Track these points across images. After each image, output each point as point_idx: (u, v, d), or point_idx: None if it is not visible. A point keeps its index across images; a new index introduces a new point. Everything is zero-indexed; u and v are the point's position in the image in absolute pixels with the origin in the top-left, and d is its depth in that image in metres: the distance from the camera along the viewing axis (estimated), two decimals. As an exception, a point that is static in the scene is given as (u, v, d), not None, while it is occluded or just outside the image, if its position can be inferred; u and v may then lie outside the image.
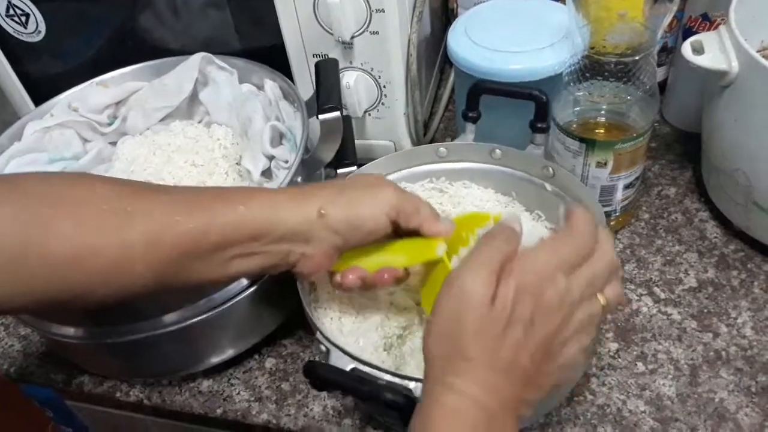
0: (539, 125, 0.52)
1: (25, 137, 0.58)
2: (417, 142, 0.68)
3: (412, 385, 0.38)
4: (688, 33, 0.63)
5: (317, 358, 0.43)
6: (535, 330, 0.33)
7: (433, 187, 0.55)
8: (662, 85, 0.71)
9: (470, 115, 0.54)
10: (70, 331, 0.51)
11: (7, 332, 0.62)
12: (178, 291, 0.47)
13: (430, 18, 0.68)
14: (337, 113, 0.49)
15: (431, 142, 0.72)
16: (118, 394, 0.56)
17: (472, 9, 0.61)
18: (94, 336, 0.50)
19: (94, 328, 0.50)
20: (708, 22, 0.61)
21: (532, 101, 0.51)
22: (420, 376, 0.36)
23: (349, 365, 0.40)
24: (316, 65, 0.53)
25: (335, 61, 0.53)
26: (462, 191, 0.55)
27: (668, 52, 0.69)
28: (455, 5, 0.69)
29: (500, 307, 0.33)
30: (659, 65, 0.69)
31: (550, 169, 0.51)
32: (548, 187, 0.52)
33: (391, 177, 0.55)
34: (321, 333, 0.42)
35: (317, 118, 0.49)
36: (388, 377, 0.39)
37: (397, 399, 0.36)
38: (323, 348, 0.42)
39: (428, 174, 0.56)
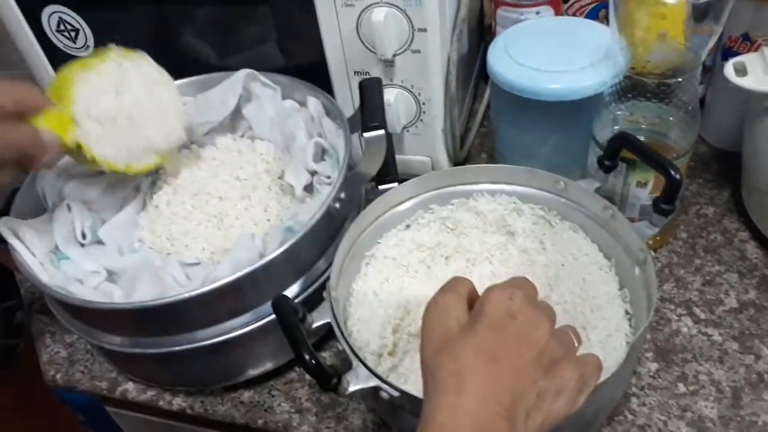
0: (664, 206, 0.45)
1: (75, 150, 0.60)
2: (453, 157, 0.69)
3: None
4: (727, 53, 0.63)
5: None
6: (512, 324, 0.36)
7: (542, 216, 0.54)
8: (700, 104, 0.71)
9: (606, 163, 0.51)
10: (117, 340, 0.52)
11: (53, 339, 0.63)
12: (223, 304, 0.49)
13: (467, 35, 0.69)
14: (381, 132, 0.50)
15: (467, 157, 0.73)
16: (161, 403, 0.57)
17: (512, 28, 0.62)
18: (139, 345, 0.51)
19: (140, 338, 0.51)
20: (749, 42, 0.61)
21: (663, 174, 0.45)
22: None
23: (322, 321, 0.45)
24: (360, 84, 0.54)
25: (379, 80, 0.54)
26: (568, 234, 0.53)
27: (706, 71, 0.69)
28: (493, 23, 0.70)
29: (475, 311, 0.37)
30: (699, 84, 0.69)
31: (642, 255, 0.46)
32: (637, 271, 0.48)
33: (503, 188, 0.55)
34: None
35: (362, 136, 0.50)
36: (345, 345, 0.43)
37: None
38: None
39: (542, 201, 0.54)
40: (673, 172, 0.44)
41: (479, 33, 0.79)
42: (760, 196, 0.57)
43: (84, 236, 0.54)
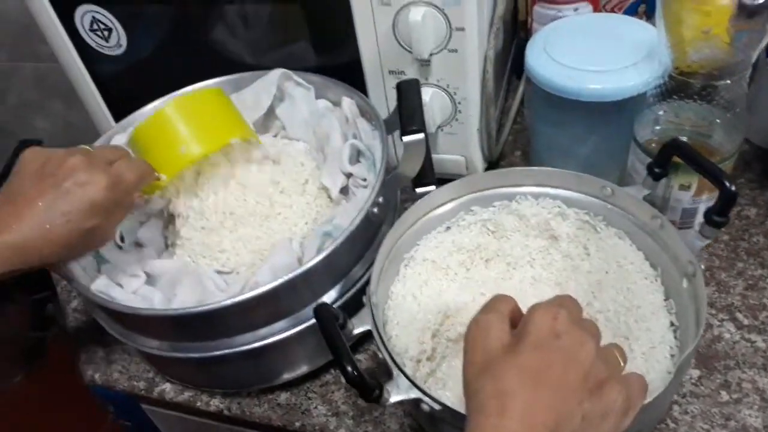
0: (717, 218, 0.44)
1: (111, 151, 0.60)
2: (488, 156, 0.68)
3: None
4: (774, 49, 0.61)
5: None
6: (556, 344, 0.35)
7: (587, 221, 0.53)
8: (742, 101, 0.69)
9: (656, 170, 0.49)
10: (155, 344, 0.52)
11: (91, 338, 0.64)
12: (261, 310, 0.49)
13: (503, 32, 0.67)
14: (421, 135, 0.49)
15: (501, 155, 0.72)
16: (198, 404, 0.57)
17: (550, 25, 0.60)
18: (178, 350, 0.52)
19: (178, 342, 0.52)
20: (797, 39, 0.59)
21: (718, 186, 0.44)
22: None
23: (363, 328, 0.46)
24: (398, 85, 0.53)
25: (417, 81, 0.54)
26: (613, 240, 0.52)
27: (751, 69, 0.67)
28: (529, 18, 0.69)
29: (518, 331, 0.36)
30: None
31: (691, 268, 0.46)
32: (685, 283, 0.47)
33: (547, 191, 0.54)
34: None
35: (401, 139, 0.50)
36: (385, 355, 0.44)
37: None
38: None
39: (588, 206, 0.53)
40: (728, 184, 0.43)
41: (513, 28, 0.78)
42: (807, 199, 0.56)
43: (122, 239, 0.55)
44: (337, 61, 0.62)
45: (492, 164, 0.70)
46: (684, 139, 0.55)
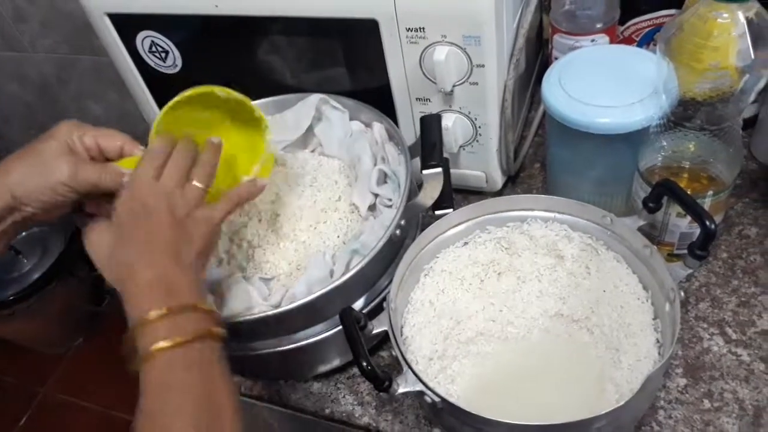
0: (698, 252, 0.50)
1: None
2: (507, 170, 0.73)
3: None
4: (780, 79, 0.64)
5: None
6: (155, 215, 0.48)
7: (590, 244, 0.59)
8: (752, 121, 0.73)
9: (650, 205, 0.55)
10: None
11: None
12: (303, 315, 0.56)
13: (525, 54, 0.72)
14: (439, 169, 0.55)
15: (520, 168, 0.77)
16: (243, 388, 0.66)
17: (566, 57, 0.64)
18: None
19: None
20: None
21: (699, 225, 0.49)
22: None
23: (381, 328, 0.53)
24: (421, 120, 0.59)
25: (438, 117, 0.59)
26: (611, 263, 0.58)
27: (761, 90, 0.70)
28: (550, 44, 0.73)
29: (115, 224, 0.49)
30: (753, 102, 0.71)
31: (672, 294, 0.51)
32: (667, 307, 0.52)
33: (555, 216, 0.60)
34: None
35: (421, 172, 0.56)
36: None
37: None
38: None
39: (590, 231, 0.59)
40: (708, 223, 0.48)
41: (538, 43, 0.82)
42: (799, 226, 0.60)
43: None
44: (369, 87, 0.68)
45: (511, 177, 0.76)
46: (686, 165, 0.60)
